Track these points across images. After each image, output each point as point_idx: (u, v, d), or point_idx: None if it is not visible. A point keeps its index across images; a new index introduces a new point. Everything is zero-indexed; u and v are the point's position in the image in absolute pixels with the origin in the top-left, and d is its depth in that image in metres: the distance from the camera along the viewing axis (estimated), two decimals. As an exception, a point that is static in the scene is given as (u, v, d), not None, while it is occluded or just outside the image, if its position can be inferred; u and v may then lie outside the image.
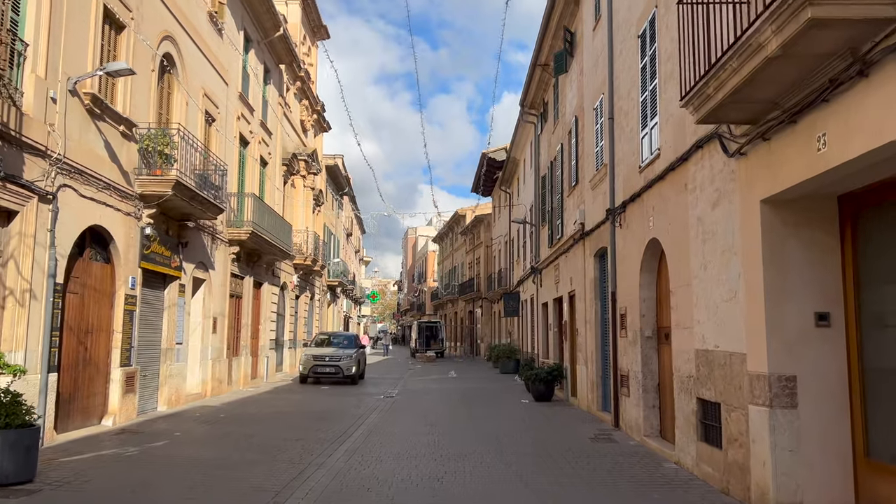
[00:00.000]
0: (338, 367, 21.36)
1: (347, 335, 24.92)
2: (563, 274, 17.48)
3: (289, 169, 25.53)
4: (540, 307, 21.89)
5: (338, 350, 22.21)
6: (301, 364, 22.03)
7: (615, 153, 12.08)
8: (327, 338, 24.28)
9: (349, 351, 22.15)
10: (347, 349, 22.37)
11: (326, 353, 21.73)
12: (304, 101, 28.65)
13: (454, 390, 20.47)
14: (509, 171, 31.68)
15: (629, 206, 11.07)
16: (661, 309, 10.19)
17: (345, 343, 23.41)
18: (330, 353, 21.83)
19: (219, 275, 17.44)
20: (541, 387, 16.69)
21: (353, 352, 22.08)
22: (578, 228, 15.01)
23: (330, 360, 21.44)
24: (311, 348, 22.79)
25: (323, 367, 21.33)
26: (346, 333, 26.49)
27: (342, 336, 24.80)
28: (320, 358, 21.50)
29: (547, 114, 20.74)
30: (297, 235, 27.01)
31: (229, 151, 18.12)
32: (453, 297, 54.73)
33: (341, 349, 22.30)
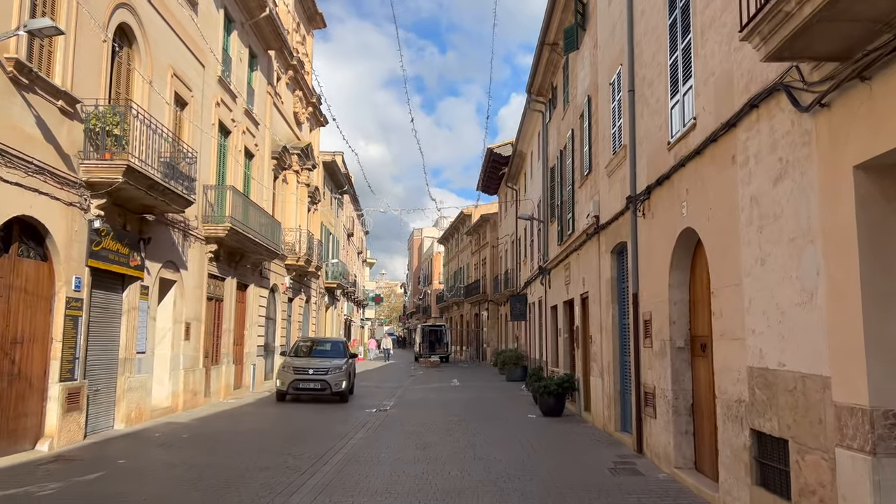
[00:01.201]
0: (324, 381, 17.56)
1: (334, 341, 21.09)
2: (574, 274, 15.71)
3: (279, 163, 23.87)
4: (549, 310, 20.12)
5: (324, 361, 18.39)
6: (278, 378, 18.06)
7: (636, 131, 10.32)
8: (310, 345, 20.35)
9: (338, 362, 18.41)
10: (335, 359, 18.62)
11: (310, 365, 17.95)
12: (298, 91, 27.01)
13: (456, 402, 18.72)
14: (516, 167, 29.93)
15: (655, 191, 9.31)
16: (697, 314, 8.42)
17: (332, 352, 19.61)
18: (315, 364, 18.09)
19: (193, 275, 15.77)
20: (550, 400, 14.92)
21: (342, 363, 18.36)
22: (592, 222, 13.25)
23: (315, 374, 17.67)
24: (292, 358, 18.72)
25: (306, 381, 17.55)
26: (332, 339, 22.59)
27: (328, 343, 20.93)
28: (302, 371, 17.70)
29: (556, 99, 18.99)
30: (290, 234, 25.34)
31: (206, 140, 16.47)
32: (459, 299, 52.97)
33: (328, 360, 18.53)
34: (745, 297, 6.38)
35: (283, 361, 18.87)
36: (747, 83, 6.35)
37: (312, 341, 21.17)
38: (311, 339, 22.99)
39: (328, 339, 24.12)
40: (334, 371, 17.91)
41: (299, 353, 19.49)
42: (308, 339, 22.90)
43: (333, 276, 35.22)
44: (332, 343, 20.78)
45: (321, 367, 17.92)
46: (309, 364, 18.07)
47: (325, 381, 17.58)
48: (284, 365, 18.22)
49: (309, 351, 19.70)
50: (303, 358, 18.82)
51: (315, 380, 17.55)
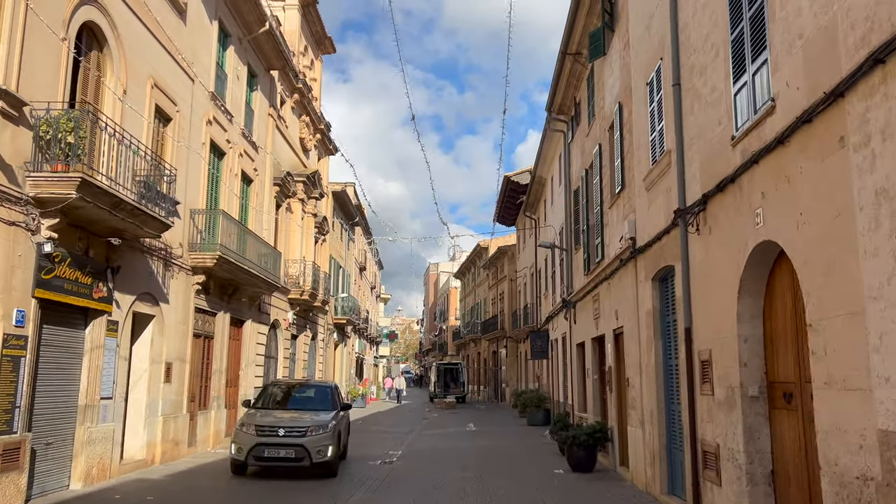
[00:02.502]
0: (300, 448, 12.00)
1: (320, 386, 15.37)
2: (605, 306, 13.83)
3: (283, 190, 22.37)
4: (574, 348, 18.16)
5: (302, 415, 12.85)
6: (233, 442, 12.39)
7: (684, 131, 8.57)
8: (285, 391, 14.70)
9: (322, 417, 12.79)
10: (320, 413, 13.07)
11: (280, 423, 12.38)
12: (305, 117, 25.68)
13: (472, 452, 16.71)
14: (534, 194, 28.25)
15: (714, 199, 7.51)
16: (777, 353, 6.54)
17: (315, 400, 14.06)
18: (288, 421, 12.50)
19: (176, 310, 14.10)
20: (580, 453, 12.91)
21: (328, 418, 12.74)
22: (627, 245, 11.44)
23: (287, 436, 12.08)
24: (256, 412, 13.21)
25: (273, 448, 11.99)
26: (317, 383, 16.79)
27: (311, 388, 15.20)
28: (269, 431, 12.13)
29: (579, 115, 17.35)
30: (293, 266, 23.72)
31: (195, 160, 14.96)
32: (476, 336, 50.89)
33: (309, 413, 13.00)
34: (872, 329, 4.53)
35: (242, 416, 13.22)
36: (864, 34, 4.60)
37: (289, 386, 15.44)
38: (286, 382, 16.67)
39: (311, 382, 17.73)
40: (316, 431, 12.22)
41: (269, 402, 13.87)
42: (283, 382, 16.35)
43: (343, 311, 33.47)
44: (318, 388, 14.98)
45: (297, 426, 12.26)
46: (278, 421, 12.47)
47: (303, 446, 11.98)
48: (244, 422, 12.55)
49: (283, 399, 14.15)
50: (272, 411, 13.27)
51: (287, 445, 11.99)
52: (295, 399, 14.25)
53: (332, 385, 15.31)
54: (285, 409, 13.51)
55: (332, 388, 14.81)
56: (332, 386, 15.15)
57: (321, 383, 16.37)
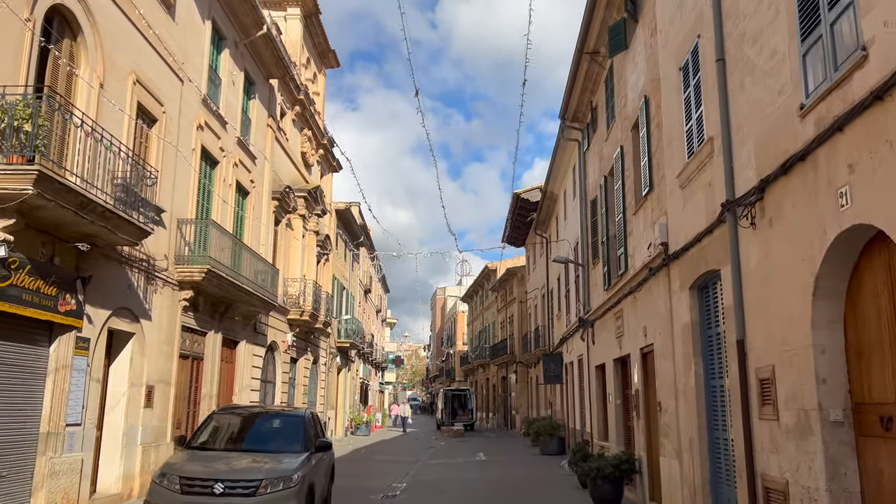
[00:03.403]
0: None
1: (289, 416, 10.86)
2: (630, 323, 12.55)
3: (282, 205, 21.28)
4: (593, 371, 16.82)
5: (257, 460, 8.99)
6: (149, 496, 8.57)
7: (731, 112, 7.39)
8: (239, 423, 10.42)
9: (286, 463, 8.89)
10: (283, 455, 9.17)
11: (219, 473, 8.49)
12: (307, 130, 24.69)
13: (482, 484, 15.32)
14: (545, 211, 27.08)
15: (775, 184, 6.30)
16: (866, 368, 5.27)
17: (279, 437, 9.98)
18: (229, 470, 8.63)
19: (159, 327, 12.90)
20: (605, 487, 11.54)
21: (294, 464, 8.87)
22: (658, 252, 10.21)
23: (227, 493, 8.22)
24: (190, 454, 9.25)
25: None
26: (285, 412, 11.61)
27: (276, 419, 10.83)
28: (201, 486, 8.30)
29: (596, 120, 16.23)
30: (293, 285, 22.54)
31: (183, 167, 13.87)
32: (484, 361, 49.37)
33: (265, 458, 9.04)
34: None
35: (168, 459, 9.67)
36: None
37: (245, 414, 10.82)
38: (242, 409, 11.81)
39: (276, 409, 12.69)
40: (274, 486, 8.31)
41: (215, 438, 9.77)
42: (238, 409, 11.92)
43: (346, 334, 32.18)
44: (285, 419, 10.62)
45: (244, 480, 8.35)
46: (215, 471, 8.47)
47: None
48: (165, 471, 8.63)
49: (236, 435, 10.02)
50: (214, 453, 9.21)
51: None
52: (253, 434, 9.97)
53: (306, 414, 10.61)
54: (235, 450, 9.32)
55: (304, 419, 10.23)
56: (306, 416, 10.50)
57: (291, 412, 11.32)
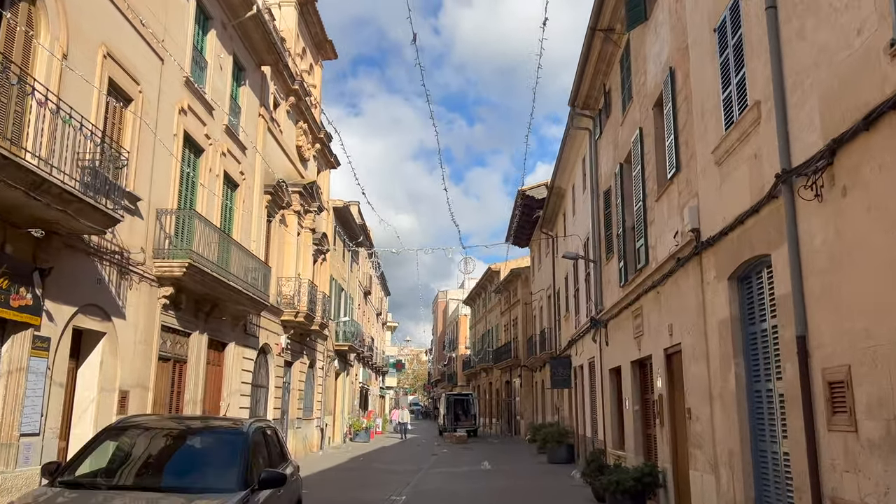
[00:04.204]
0: None
1: (221, 435, 6.77)
2: (651, 321, 11.41)
3: (275, 200, 20.18)
4: (606, 374, 15.66)
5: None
6: None
7: (785, 69, 6.28)
8: (140, 450, 6.48)
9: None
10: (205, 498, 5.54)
11: None
12: (303, 123, 23.61)
13: (487, 495, 14.16)
14: (552, 209, 25.94)
15: (852, 145, 5.18)
16: None
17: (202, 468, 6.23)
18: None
19: (135, 327, 11.78)
20: (625, 502, 10.39)
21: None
22: (687, 239, 9.08)
23: None
24: (51, 497, 5.44)
25: None
26: (218, 429, 7.08)
27: (200, 438, 6.81)
28: None
29: (610, 105, 15.12)
30: (287, 284, 21.42)
31: (164, 153, 12.77)
32: (487, 365, 48.18)
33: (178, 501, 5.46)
34: None
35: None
36: None
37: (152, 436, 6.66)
38: (149, 424, 7.12)
39: (202, 426, 7.31)
40: None
41: (101, 472, 6.20)
42: (145, 423, 7.12)
43: (345, 336, 31.03)
44: (213, 439, 6.73)
45: None
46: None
47: None
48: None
49: (133, 466, 6.33)
50: (98, 493, 5.61)
51: None
52: (160, 463, 6.40)
53: (248, 431, 6.61)
54: (128, 489, 5.84)
55: (245, 439, 6.41)
56: (247, 433, 6.56)
57: (226, 427, 7.14)
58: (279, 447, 7.78)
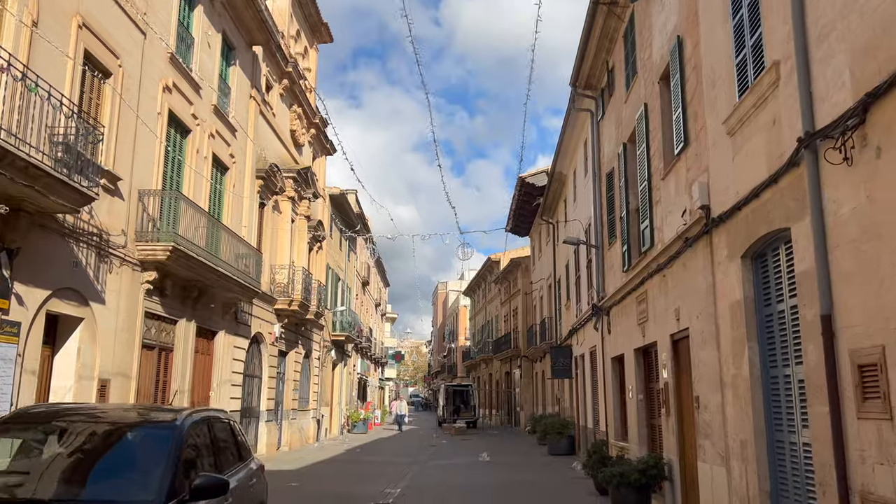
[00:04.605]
0: None
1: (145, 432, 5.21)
2: (656, 306, 10.88)
3: (267, 185, 19.63)
4: (608, 363, 15.15)
5: None
6: None
7: (808, 22, 5.72)
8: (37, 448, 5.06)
9: None
10: None
11: None
12: (297, 107, 23.03)
13: (486, 489, 13.68)
14: (553, 195, 25.38)
15: (884, 101, 4.63)
16: None
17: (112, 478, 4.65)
18: None
19: (116, 312, 11.26)
20: (630, 496, 9.90)
21: None
22: (696, 217, 8.54)
23: None
24: None
25: None
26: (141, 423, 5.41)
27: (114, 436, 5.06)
28: None
29: (613, 83, 14.54)
30: (281, 272, 20.89)
31: (147, 132, 12.21)
32: (487, 356, 47.74)
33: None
34: None
35: None
36: None
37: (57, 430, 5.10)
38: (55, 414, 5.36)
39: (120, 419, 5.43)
40: None
41: None
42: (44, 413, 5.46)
43: (342, 326, 30.54)
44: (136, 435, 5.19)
45: None
46: None
47: None
48: None
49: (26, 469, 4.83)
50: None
51: None
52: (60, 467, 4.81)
53: (181, 425, 5.07)
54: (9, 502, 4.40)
55: (173, 436, 4.92)
56: (178, 427, 5.02)
57: (151, 421, 5.51)
58: (234, 444, 6.22)
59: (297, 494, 12.68)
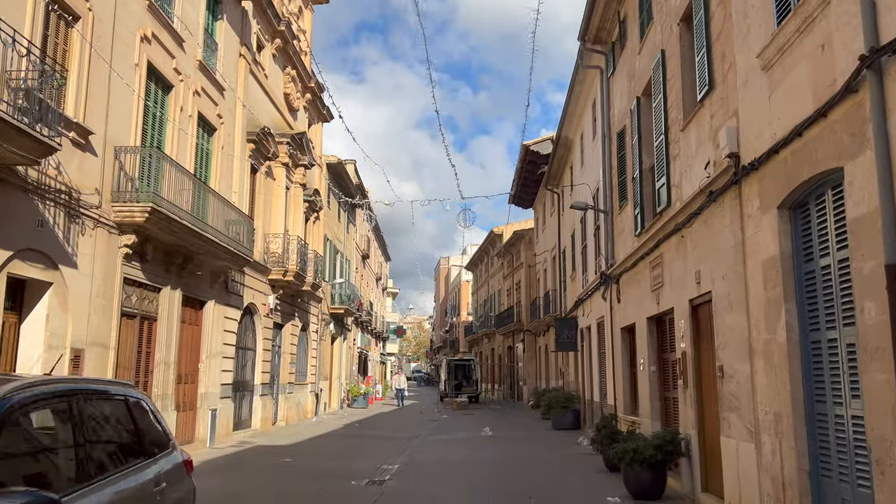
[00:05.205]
0: None
1: None
2: (673, 270, 10.05)
3: (260, 149, 18.73)
4: (617, 334, 14.37)
5: None
6: None
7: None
8: None
9: None
10: None
11: None
12: (291, 70, 22.03)
13: (489, 466, 12.98)
14: (558, 163, 24.45)
15: None
16: None
17: None
18: None
19: (91, 277, 10.47)
20: (644, 475, 9.15)
21: None
22: (724, 167, 7.67)
23: None
24: None
25: None
26: None
27: None
28: None
29: (625, 34, 13.56)
30: (275, 241, 20.08)
31: (121, 84, 11.30)
32: (489, 330, 47.09)
33: None
34: None
35: None
36: None
37: None
38: None
39: None
40: None
41: None
42: None
43: (341, 299, 29.79)
44: None
45: None
46: None
47: None
48: None
49: None
50: None
51: None
52: None
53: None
54: None
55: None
56: None
57: None
58: (133, 433, 4.35)
59: (287, 472, 11.99)
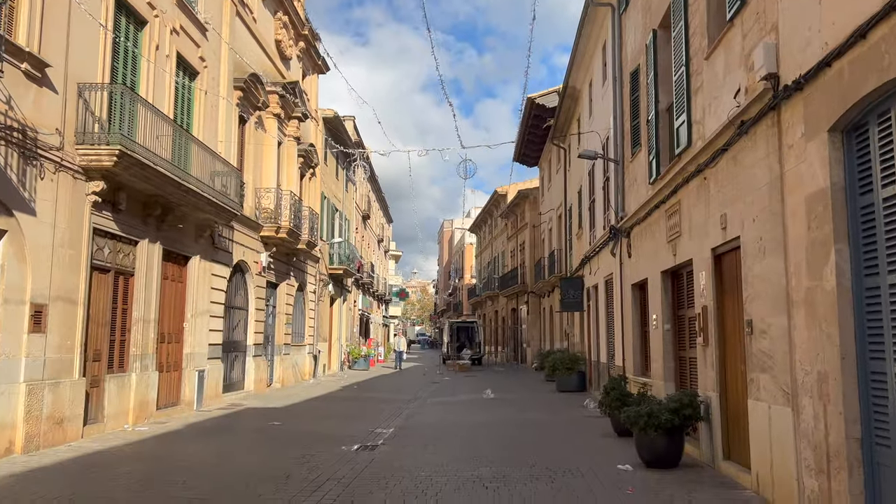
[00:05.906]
0: None
1: None
2: (693, 216, 9.07)
3: (248, 98, 17.65)
4: (627, 291, 13.46)
5: None
6: None
7: None
8: None
9: None
10: None
11: None
12: (282, 15, 20.78)
13: (491, 430, 12.20)
14: (564, 115, 23.29)
15: None
16: None
17: None
18: None
19: (53, 227, 9.56)
20: (660, 441, 8.31)
21: None
22: (757, 93, 6.63)
23: None
24: None
25: None
26: None
27: None
28: None
29: (640, -37, 12.35)
30: (267, 196, 19.12)
31: (81, 15, 10.21)
32: (493, 293, 46.33)
33: None
34: None
35: None
36: None
37: None
38: None
39: None
40: None
41: None
42: None
43: (339, 259, 28.94)
44: None
45: None
46: None
47: None
48: None
49: None
50: None
51: None
52: None
53: None
54: None
55: None
56: None
57: None
58: None
59: (272, 434, 11.23)
